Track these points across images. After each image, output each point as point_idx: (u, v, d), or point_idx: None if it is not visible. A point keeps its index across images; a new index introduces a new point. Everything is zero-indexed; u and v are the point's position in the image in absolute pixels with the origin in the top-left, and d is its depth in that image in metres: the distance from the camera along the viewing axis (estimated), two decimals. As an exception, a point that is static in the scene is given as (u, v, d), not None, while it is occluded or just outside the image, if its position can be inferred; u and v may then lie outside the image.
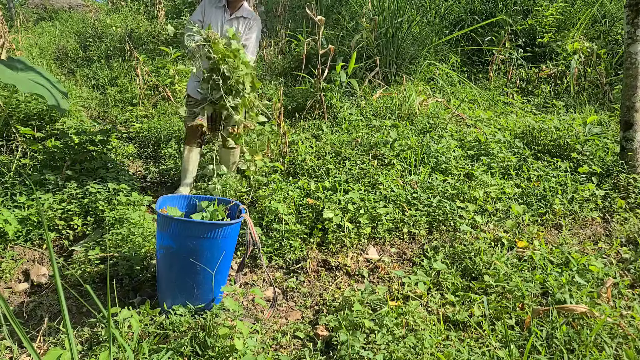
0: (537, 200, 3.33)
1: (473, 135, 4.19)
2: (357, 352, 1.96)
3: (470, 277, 2.58)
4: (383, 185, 3.35)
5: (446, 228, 3.09)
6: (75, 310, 2.43)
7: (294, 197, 3.19)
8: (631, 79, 3.51)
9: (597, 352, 1.96)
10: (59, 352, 1.68)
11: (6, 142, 4.04)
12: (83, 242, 2.89)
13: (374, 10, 6.07)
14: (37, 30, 8.73)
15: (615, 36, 6.24)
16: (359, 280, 2.72)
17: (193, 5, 9.58)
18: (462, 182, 3.47)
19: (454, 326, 2.23)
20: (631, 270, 2.64)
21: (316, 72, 4.78)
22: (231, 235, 2.30)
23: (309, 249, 2.94)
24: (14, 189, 3.14)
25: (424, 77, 5.72)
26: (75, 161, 3.62)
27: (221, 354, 1.93)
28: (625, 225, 3.12)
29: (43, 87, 3.14)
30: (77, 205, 3.06)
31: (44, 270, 2.72)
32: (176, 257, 2.23)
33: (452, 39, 6.56)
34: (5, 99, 4.07)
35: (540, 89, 5.74)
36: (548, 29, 6.28)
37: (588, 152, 3.86)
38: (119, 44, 7.70)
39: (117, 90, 6.17)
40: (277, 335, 2.21)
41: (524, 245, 2.79)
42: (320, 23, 4.61)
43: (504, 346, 2.03)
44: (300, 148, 4.04)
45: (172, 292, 2.29)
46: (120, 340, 1.69)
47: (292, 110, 5.20)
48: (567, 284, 2.34)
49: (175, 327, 2.09)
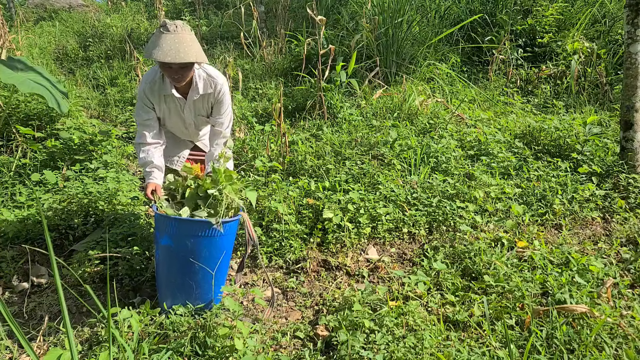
0: (537, 200, 3.33)
1: (473, 135, 4.19)
2: (357, 352, 1.96)
3: (470, 277, 2.58)
4: (383, 185, 3.35)
5: (446, 228, 3.09)
6: (75, 310, 2.43)
7: (294, 197, 3.19)
8: (631, 79, 3.51)
9: (597, 352, 1.96)
10: (59, 352, 1.68)
11: (6, 142, 4.04)
12: (83, 242, 2.88)
13: (374, 10, 6.07)
14: (37, 30, 8.72)
15: (615, 36, 6.24)
16: (359, 280, 2.72)
17: (193, 5, 9.57)
18: (462, 182, 3.47)
19: (454, 326, 2.23)
20: (631, 270, 2.64)
21: (316, 72, 4.78)
22: (229, 233, 2.29)
23: (309, 249, 2.94)
24: (14, 189, 3.14)
25: (424, 77, 5.72)
26: (75, 161, 3.62)
27: (221, 354, 1.93)
28: (625, 225, 3.12)
29: (43, 87, 3.14)
30: (77, 205, 3.06)
31: (44, 270, 2.72)
32: (175, 256, 2.23)
33: (452, 39, 6.56)
34: (5, 99, 4.07)
35: (540, 89, 5.74)
36: (548, 29, 6.27)
37: (588, 152, 3.86)
38: (119, 44, 7.70)
39: (117, 90, 6.17)
40: (277, 335, 2.21)
41: (524, 245, 2.79)
42: (322, 23, 4.61)
43: (504, 346, 2.03)
44: (300, 148, 4.04)
45: (171, 291, 2.29)
46: (120, 340, 1.69)
47: (292, 110, 5.20)
48: (567, 284, 2.33)
49: (175, 327, 2.09)
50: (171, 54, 2.17)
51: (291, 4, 8.72)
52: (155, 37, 2.23)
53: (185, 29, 2.25)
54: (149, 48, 2.23)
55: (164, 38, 2.20)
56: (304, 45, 5.15)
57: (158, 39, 2.21)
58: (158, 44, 2.19)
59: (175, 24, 2.24)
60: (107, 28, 8.44)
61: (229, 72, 4.73)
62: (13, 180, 3.21)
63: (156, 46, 2.19)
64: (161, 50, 2.17)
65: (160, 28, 2.23)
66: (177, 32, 2.21)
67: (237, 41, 7.39)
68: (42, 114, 4.27)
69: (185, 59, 2.20)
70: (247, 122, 4.89)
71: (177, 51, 2.18)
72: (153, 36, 2.26)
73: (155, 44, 2.20)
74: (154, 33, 2.27)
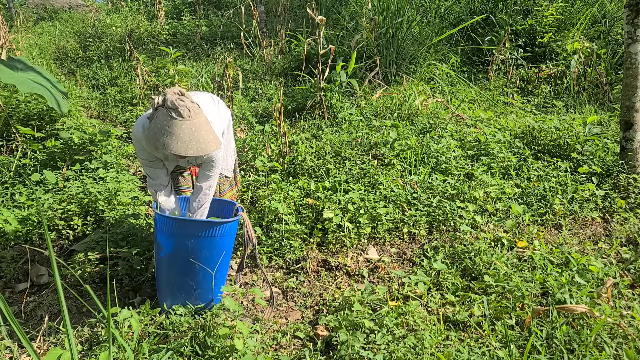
0: (537, 200, 3.33)
1: (473, 135, 4.19)
2: (357, 352, 1.96)
3: (470, 277, 2.58)
4: (383, 185, 3.35)
5: (446, 228, 3.09)
6: (75, 310, 2.43)
7: (294, 197, 3.19)
8: (631, 79, 3.51)
9: (597, 352, 1.96)
10: (59, 352, 1.68)
11: (6, 142, 4.04)
12: (83, 242, 2.88)
13: (374, 10, 6.07)
14: (37, 30, 8.72)
15: (615, 36, 6.24)
16: (359, 280, 2.72)
17: (193, 5, 9.57)
18: (462, 182, 3.47)
19: (454, 326, 2.23)
20: (631, 270, 2.64)
21: (316, 72, 4.78)
22: (229, 234, 2.29)
23: (309, 249, 2.94)
24: (14, 189, 3.14)
25: (424, 77, 5.72)
26: (75, 161, 3.62)
27: (221, 354, 1.93)
28: (625, 225, 3.12)
29: (43, 87, 3.14)
30: (77, 205, 3.06)
31: (44, 270, 2.72)
32: (175, 256, 2.23)
33: (452, 39, 6.56)
34: (5, 99, 4.07)
35: (540, 89, 5.74)
36: (548, 29, 6.27)
37: (588, 152, 3.86)
38: (119, 44, 7.69)
39: (117, 90, 6.16)
40: (277, 335, 2.21)
41: (524, 245, 2.79)
42: (322, 23, 4.61)
43: (504, 346, 2.03)
44: (300, 148, 4.04)
45: (171, 292, 2.29)
46: (120, 340, 1.68)
47: (292, 110, 5.20)
48: (567, 284, 2.34)
49: (175, 327, 2.09)
50: (192, 146, 1.93)
51: (291, 4, 8.72)
52: (165, 122, 1.93)
53: (199, 112, 2.00)
54: (159, 136, 1.93)
55: (179, 126, 1.92)
56: (304, 45, 5.15)
57: (172, 127, 1.92)
58: (173, 132, 1.91)
59: (187, 107, 1.95)
60: (107, 28, 8.43)
61: (229, 72, 4.73)
62: (13, 180, 3.21)
63: (171, 135, 1.92)
64: (179, 141, 1.91)
65: (172, 113, 1.93)
66: (192, 117, 1.95)
67: (237, 41, 7.39)
68: (42, 114, 4.27)
69: (207, 150, 1.97)
70: (247, 122, 4.89)
71: (197, 142, 1.94)
72: (160, 119, 1.94)
73: (170, 133, 1.92)
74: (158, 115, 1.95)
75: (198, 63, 6.77)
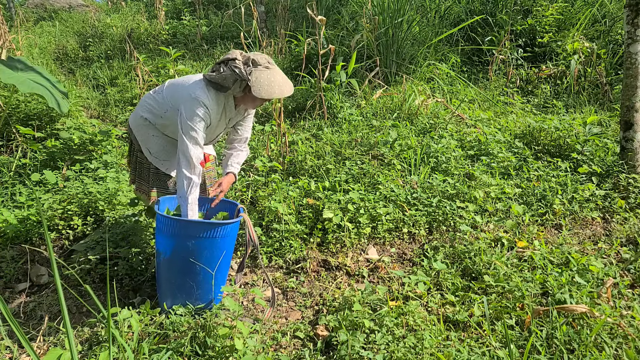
0: (537, 200, 3.33)
1: (473, 135, 4.19)
2: (357, 352, 1.96)
3: (470, 277, 2.58)
4: (383, 185, 3.35)
5: (446, 228, 3.09)
6: (75, 310, 2.43)
7: (294, 197, 3.19)
8: (631, 79, 3.51)
9: (597, 352, 1.96)
10: (59, 352, 1.68)
11: (6, 142, 4.04)
12: (83, 242, 2.89)
13: (374, 10, 6.07)
14: (37, 30, 8.72)
15: (615, 36, 6.24)
16: (359, 280, 2.72)
17: (193, 5, 9.57)
18: (462, 182, 3.47)
19: (454, 326, 2.23)
20: (631, 270, 2.64)
21: (316, 72, 4.78)
22: (230, 235, 2.29)
23: (309, 249, 2.94)
24: (14, 189, 3.14)
25: (424, 77, 5.72)
26: (75, 161, 3.63)
27: (221, 354, 1.93)
28: (625, 225, 3.12)
29: (43, 87, 3.14)
30: (77, 205, 3.06)
31: (43, 270, 2.72)
32: (176, 257, 2.23)
33: (452, 39, 6.56)
34: (5, 99, 4.07)
35: (540, 89, 5.74)
36: (548, 29, 6.28)
37: (588, 152, 3.86)
38: (119, 44, 7.70)
39: (117, 90, 6.17)
40: (277, 335, 2.21)
41: (524, 245, 2.79)
42: (322, 23, 4.61)
43: (504, 346, 2.03)
44: (300, 148, 4.04)
45: (172, 292, 2.29)
46: (120, 340, 1.68)
47: (292, 110, 5.20)
48: (567, 284, 2.33)
49: (175, 327, 2.08)
50: (287, 86, 2.30)
51: (291, 4, 8.72)
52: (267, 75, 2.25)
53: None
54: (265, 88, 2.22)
55: (278, 74, 2.28)
56: (304, 45, 5.15)
57: (274, 76, 2.26)
58: (276, 80, 2.25)
59: (265, 58, 2.29)
60: (107, 28, 8.44)
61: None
62: (13, 180, 3.21)
63: (273, 84, 2.24)
64: (286, 84, 2.29)
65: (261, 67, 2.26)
66: (275, 65, 2.31)
67: (237, 41, 7.39)
68: (42, 114, 4.27)
69: (292, 86, 2.37)
70: (247, 122, 4.89)
71: (288, 82, 2.32)
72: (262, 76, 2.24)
73: (274, 82, 2.25)
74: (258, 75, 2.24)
75: (198, 63, 6.78)
